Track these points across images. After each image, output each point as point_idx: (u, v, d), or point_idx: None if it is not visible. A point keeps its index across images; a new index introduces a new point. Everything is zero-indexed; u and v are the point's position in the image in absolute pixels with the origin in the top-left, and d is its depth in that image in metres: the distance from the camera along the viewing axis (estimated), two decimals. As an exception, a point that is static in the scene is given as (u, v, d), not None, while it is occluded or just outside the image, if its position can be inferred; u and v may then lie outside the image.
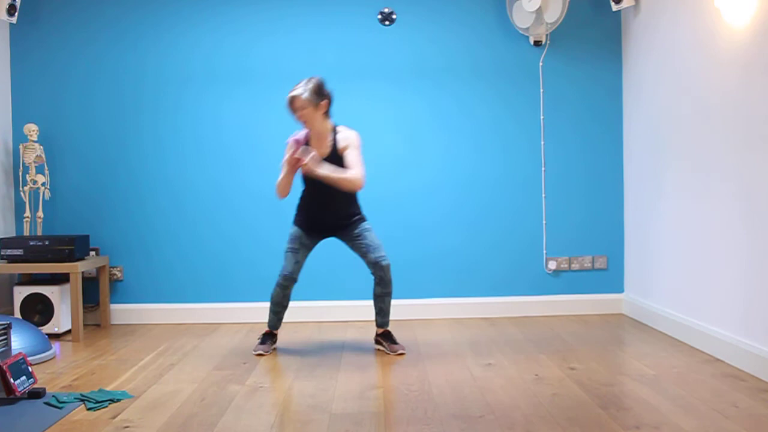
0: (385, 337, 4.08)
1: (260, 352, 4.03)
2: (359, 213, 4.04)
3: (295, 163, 3.79)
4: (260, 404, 3.13)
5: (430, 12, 5.00)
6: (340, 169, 3.83)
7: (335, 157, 3.87)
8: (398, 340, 4.11)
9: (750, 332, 3.50)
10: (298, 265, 4.00)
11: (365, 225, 4.01)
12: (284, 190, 3.92)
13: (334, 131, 3.92)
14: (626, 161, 5.01)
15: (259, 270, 5.00)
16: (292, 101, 3.80)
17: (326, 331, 4.68)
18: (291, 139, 3.92)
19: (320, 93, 3.81)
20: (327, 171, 3.80)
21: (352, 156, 3.86)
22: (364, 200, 5.02)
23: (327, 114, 3.90)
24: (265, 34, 5.00)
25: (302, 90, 3.78)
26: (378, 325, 4.12)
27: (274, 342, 4.16)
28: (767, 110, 3.32)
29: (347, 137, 3.91)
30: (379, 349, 4.09)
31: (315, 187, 3.91)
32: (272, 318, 4.14)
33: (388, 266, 3.95)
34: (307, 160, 3.73)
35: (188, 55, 4.99)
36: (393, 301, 4.73)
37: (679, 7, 4.16)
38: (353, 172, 3.82)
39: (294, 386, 3.40)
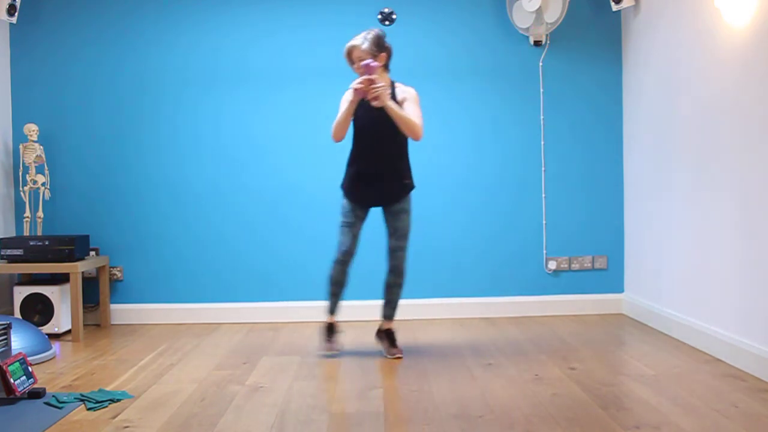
0: (386, 336, 4.02)
1: (330, 351, 3.93)
2: (410, 176, 3.90)
3: (367, 86, 3.61)
4: (260, 404, 3.13)
5: (430, 12, 5.00)
6: (405, 111, 3.70)
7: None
8: (398, 343, 4.03)
9: (750, 332, 3.50)
10: (355, 239, 3.87)
11: (407, 204, 3.87)
12: (342, 130, 3.77)
13: (393, 85, 3.84)
14: (626, 161, 5.01)
15: (259, 270, 5.00)
16: (352, 51, 3.71)
17: (326, 331, 4.67)
18: (364, 63, 3.66)
19: (380, 45, 3.73)
20: (395, 105, 3.67)
21: (412, 108, 3.75)
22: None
23: (386, 67, 3.82)
24: (265, 34, 5.00)
25: (362, 40, 3.71)
26: (383, 317, 4.02)
27: (338, 334, 4.03)
28: (767, 110, 3.32)
29: (406, 90, 3.82)
30: (379, 347, 4.07)
31: (368, 139, 3.78)
32: (332, 301, 3.99)
33: (402, 257, 3.87)
34: (380, 85, 3.59)
35: (188, 56, 4.99)
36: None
37: (679, 7, 4.16)
38: (417, 120, 3.72)
39: (294, 386, 3.40)
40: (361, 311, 4.95)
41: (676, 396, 3.13)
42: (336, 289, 3.97)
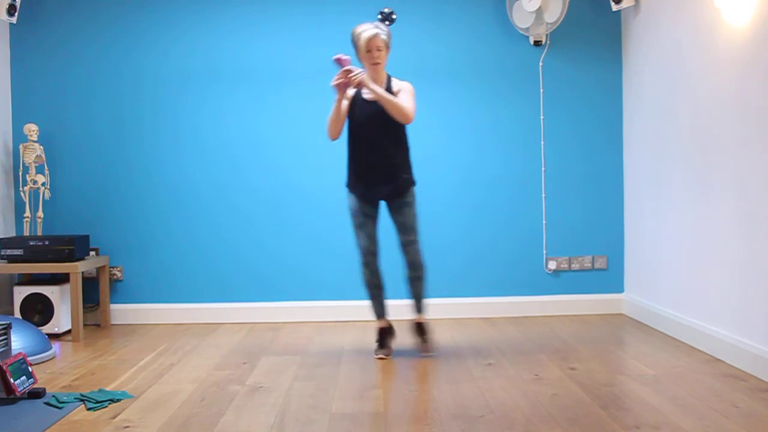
0: (418, 329, 3.97)
1: (381, 356, 3.89)
2: (409, 171, 3.90)
3: (346, 77, 3.65)
4: (260, 404, 3.13)
5: (430, 12, 5.00)
6: (390, 95, 3.72)
7: None
8: (432, 340, 3.98)
9: (750, 332, 3.49)
10: (372, 237, 3.87)
11: (409, 197, 3.88)
12: (335, 127, 3.79)
13: (389, 79, 3.87)
14: (626, 161, 5.01)
15: (259, 270, 5.01)
16: (374, 39, 3.70)
17: (326, 331, 4.68)
18: (336, 57, 3.72)
19: (390, 41, 3.81)
20: (378, 89, 3.69)
21: (404, 97, 3.77)
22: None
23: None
24: (265, 34, 5.00)
25: (381, 31, 3.73)
26: (414, 311, 3.99)
27: (393, 336, 3.99)
28: (767, 110, 3.32)
29: (401, 84, 3.85)
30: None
31: (364, 142, 3.79)
32: (374, 305, 3.98)
33: (415, 250, 3.85)
34: (357, 71, 3.63)
35: (188, 55, 4.99)
36: (392, 301, 4.74)
37: (679, 7, 4.16)
38: (406, 103, 3.74)
39: (294, 386, 3.40)
40: (361, 311, 4.95)
41: (676, 396, 3.13)
42: (374, 291, 3.96)
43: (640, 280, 4.81)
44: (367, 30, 3.74)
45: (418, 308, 4.00)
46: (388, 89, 3.81)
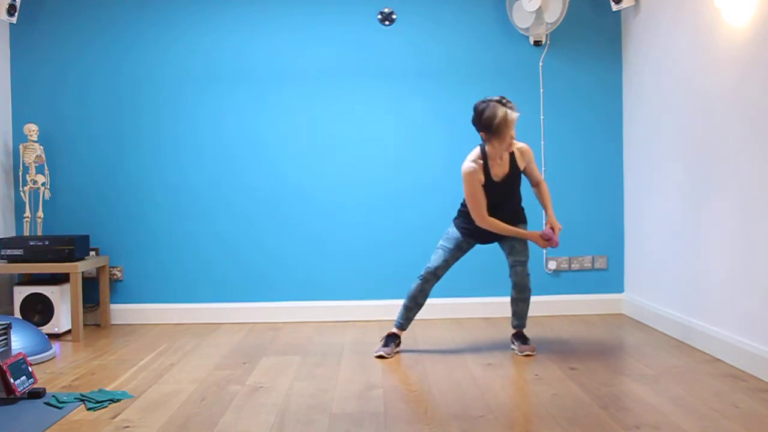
0: (517, 337, 4.06)
1: (381, 353, 3.93)
2: (522, 209, 4.08)
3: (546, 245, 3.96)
4: (260, 404, 3.13)
5: (430, 12, 5.00)
6: (549, 201, 4.06)
7: (514, 173, 3.93)
8: (529, 341, 4.05)
9: (750, 332, 3.49)
10: (447, 264, 3.97)
11: (521, 225, 4.02)
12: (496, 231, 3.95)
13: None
14: (626, 161, 5.01)
15: (259, 270, 5.01)
16: (513, 121, 3.78)
17: (326, 331, 4.67)
18: (547, 240, 3.95)
19: None
20: (551, 217, 4.03)
21: (534, 169, 4.02)
22: (364, 199, 5.05)
23: None
24: (264, 34, 5.00)
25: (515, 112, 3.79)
26: (514, 326, 4.11)
27: (398, 344, 4.05)
28: (767, 110, 3.32)
29: (524, 150, 3.96)
30: (511, 348, 4.06)
31: (496, 205, 3.91)
32: (402, 315, 4.04)
33: (523, 272, 3.96)
34: (557, 242, 3.94)
35: (187, 55, 4.99)
36: (391, 301, 4.75)
37: (679, 7, 4.16)
38: (544, 183, 4.06)
39: (294, 386, 3.40)
40: (361, 311, 4.96)
41: (676, 396, 3.13)
42: (411, 304, 4.04)
43: (640, 280, 4.81)
44: (512, 111, 3.76)
45: (521, 325, 4.11)
46: (513, 162, 3.93)
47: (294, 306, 5.00)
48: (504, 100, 3.79)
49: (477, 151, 3.93)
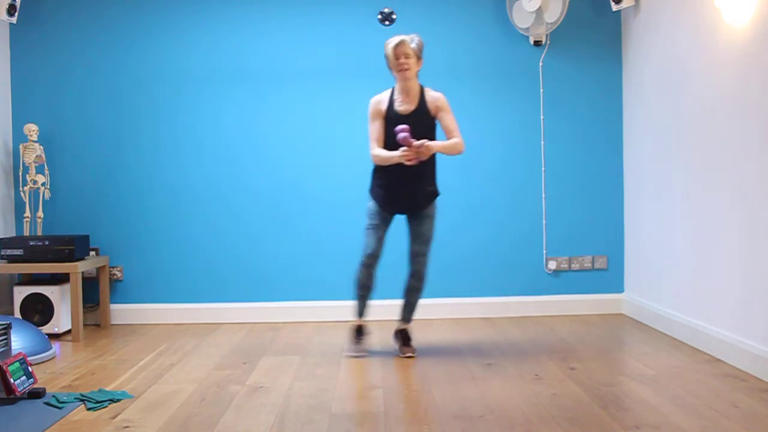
0: (401, 336, 4.05)
1: (353, 354, 3.95)
2: (434, 183, 3.97)
3: (414, 153, 3.71)
4: (260, 404, 3.13)
5: (430, 12, 5.00)
6: (447, 141, 3.84)
7: (422, 113, 3.85)
8: (412, 343, 4.05)
9: (750, 332, 3.49)
10: (381, 241, 3.93)
11: (432, 209, 3.94)
12: (382, 164, 3.87)
13: (422, 91, 3.90)
14: (626, 161, 5.01)
15: (259, 270, 5.01)
16: (401, 45, 3.76)
17: (326, 331, 4.67)
18: (401, 137, 3.73)
19: (421, 50, 3.84)
20: (439, 145, 3.80)
21: (449, 120, 3.87)
22: (363, 199, 5.02)
23: (417, 75, 3.89)
24: (264, 34, 5.00)
25: (410, 39, 3.79)
26: (401, 319, 4.07)
27: (367, 336, 4.07)
28: (767, 110, 3.32)
29: (436, 98, 3.89)
30: (394, 349, 4.06)
31: (395, 148, 3.79)
32: (359, 305, 4.05)
33: (424, 261, 3.91)
34: (418, 144, 3.69)
35: (187, 56, 4.99)
36: (391, 301, 4.74)
37: (679, 7, 4.16)
38: (458, 138, 3.84)
39: (294, 386, 3.40)
40: (361, 311, 4.96)
41: (676, 396, 3.13)
42: (363, 292, 4.02)
43: (640, 280, 4.81)
44: (395, 38, 3.79)
45: (408, 317, 4.08)
46: (422, 101, 3.86)
47: (294, 306, 5.00)
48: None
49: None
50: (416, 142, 3.69)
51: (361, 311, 4.07)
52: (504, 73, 5.02)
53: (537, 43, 5.00)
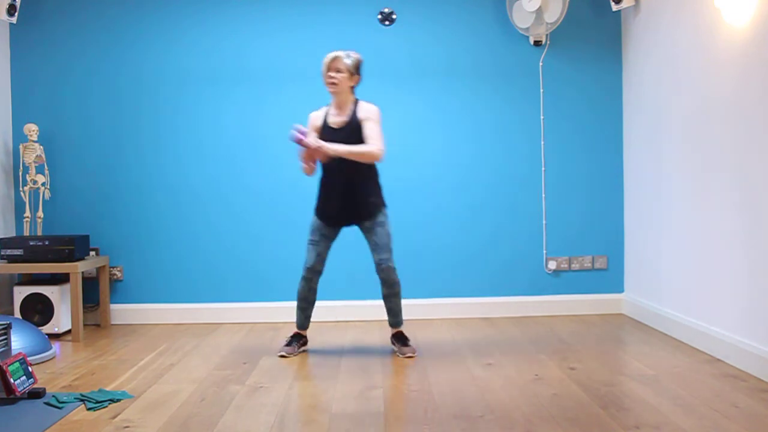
0: (397, 338, 4.07)
1: (283, 353, 4.00)
2: (377, 197, 3.98)
3: (308, 154, 3.82)
4: (260, 404, 3.13)
5: (430, 12, 5.00)
6: (355, 145, 3.84)
7: (354, 125, 3.88)
8: (411, 342, 4.06)
9: (750, 332, 3.49)
10: (320, 257, 3.99)
11: (380, 218, 3.95)
12: (309, 173, 3.98)
13: (356, 103, 3.95)
14: (626, 161, 5.01)
15: (259, 270, 5.01)
16: (334, 60, 3.87)
17: (326, 331, 4.68)
18: (293, 137, 3.82)
19: (358, 68, 3.93)
20: (342, 148, 3.81)
21: (370, 128, 3.88)
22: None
23: (353, 90, 3.96)
24: (264, 34, 5.00)
25: (345, 55, 3.89)
26: (390, 325, 4.11)
27: (303, 344, 4.13)
28: (766, 110, 3.32)
29: (368, 109, 3.94)
30: (392, 350, 4.07)
31: (332, 171, 3.92)
32: (299, 316, 4.12)
33: (388, 269, 3.93)
34: (313, 144, 3.74)
35: (187, 55, 4.99)
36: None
37: (679, 7, 4.16)
38: (370, 144, 3.83)
39: (294, 386, 3.40)
40: (361, 311, 4.96)
41: (676, 396, 3.13)
42: (303, 305, 4.10)
43: (640, 280, 4.81)
44: (332, 53, 3.90)
45: (396, 322, 4.10)
46: (354, 114, 3.91)
47: (294, 306, 4.98)
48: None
49: None
50: (313, 143, 3.75)
51: (300, 322, 4.14)
52: (504, 73, 5.02)
53: (537, 43, 5.00)
